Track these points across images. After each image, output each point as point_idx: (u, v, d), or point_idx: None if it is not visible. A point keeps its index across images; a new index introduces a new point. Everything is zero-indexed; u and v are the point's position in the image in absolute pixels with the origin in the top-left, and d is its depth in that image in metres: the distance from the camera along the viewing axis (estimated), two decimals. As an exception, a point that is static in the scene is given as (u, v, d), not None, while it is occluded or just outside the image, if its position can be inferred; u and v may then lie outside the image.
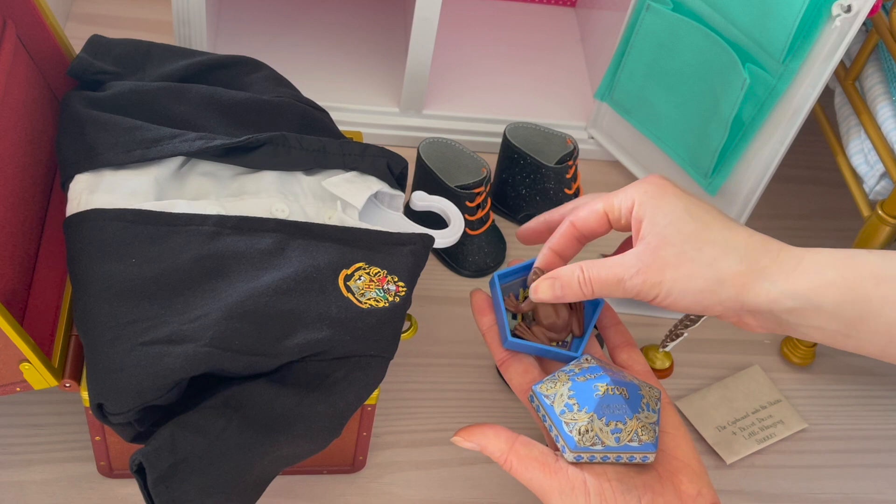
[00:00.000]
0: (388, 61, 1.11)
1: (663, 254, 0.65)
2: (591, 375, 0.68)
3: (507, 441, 0.68)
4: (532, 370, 0.73)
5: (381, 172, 0.80)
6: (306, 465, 0.79)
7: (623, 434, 0.66)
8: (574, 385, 0.68)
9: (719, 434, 0.88)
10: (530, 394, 0.71)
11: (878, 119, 0.86)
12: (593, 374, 0.68)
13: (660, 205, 0.67)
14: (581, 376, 0.68)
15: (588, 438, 0.66)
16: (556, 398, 0.68)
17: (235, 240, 0.71)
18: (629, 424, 0.66)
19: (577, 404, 0.67)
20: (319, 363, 0.67)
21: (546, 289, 0.70)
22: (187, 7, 0.94)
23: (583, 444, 0.66)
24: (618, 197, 0.70)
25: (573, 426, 0.66)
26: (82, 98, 0.79)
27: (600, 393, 0.66)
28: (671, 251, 0.65)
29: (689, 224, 0.66)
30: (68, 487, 0.78)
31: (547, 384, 0.70)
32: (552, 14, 1.23)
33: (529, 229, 0.77)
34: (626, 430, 0.66)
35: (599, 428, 0.66)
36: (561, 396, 0.68)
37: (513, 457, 0.67)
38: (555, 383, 0.69)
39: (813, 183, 1.13)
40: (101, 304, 0.67)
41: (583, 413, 0.66)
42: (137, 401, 0.63)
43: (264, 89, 0.83)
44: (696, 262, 0.65)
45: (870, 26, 0.89)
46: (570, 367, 0.70)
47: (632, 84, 1.00)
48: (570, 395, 0.67)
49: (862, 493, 0.87)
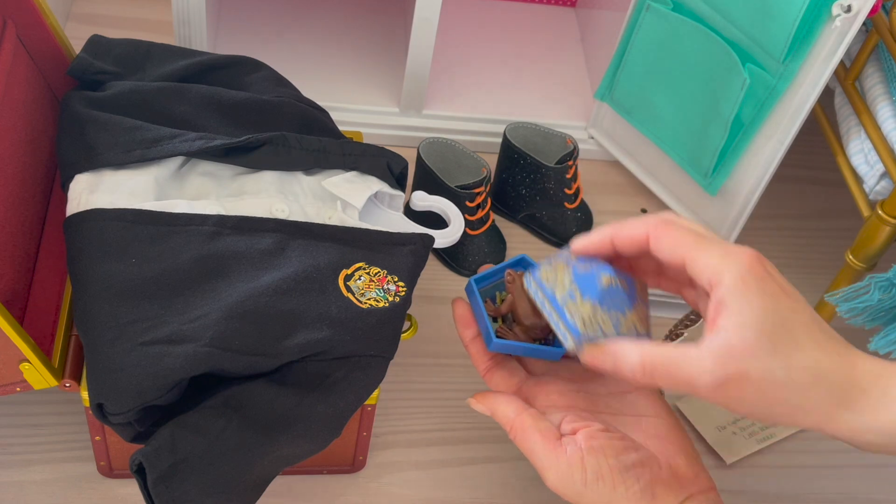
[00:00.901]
0: (388, 61, 1.11)
1: (746, 367, 0.58)
2: (591, 265, 0.65)
3: (517, 410, 0.68)
4: (517, 373, 0.73)
5: (381, 172, 0.80)
6: (306, 465, 0.79)
7: (623, 325, 0.65)
8: (576, 274, 0.65)
9: (719, 434, 0.88)
10: (528, 280, 0.67)
11: (878, 119, 0.86)
12: (593, 263, 0.65)
13: (749, 297, 0.59)
14: (582, 265, 0.65)
15: (591, 328, 0.64)
16: (557, 286, 0.65)
17: (235, 240, 0.71)
18: (628, 316, 0.66)
19: (579, 293, 0.64)
20: (319, 363, 0.67)
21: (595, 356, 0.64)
22: (187, 7, 0.94)
23: (586, 333, 0.64)
24: (702, 256, 0.61)
25: (577, 315, 0.64)
26: (82, 98, 0.79)
27: (603, 284, 0.64)
28: (756, 365, 0.58)
29: (780, 333, 0.59)
30: (68, 487, 0.78)
31: (545, 271, 0.66)
32: (552, 14, 1.23)
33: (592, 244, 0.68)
34: (626, 322, 0.65)
35: (602, 318, 0.64)
36: (563, 284, 0.65)
37: (518, 425, 0.67)
38: (554, 271, 0.66)
39: (813, 183, 1.13)
40: (101, 304, 0.67)
41: (587, 302, 0.64)
42: (137, 401, 0.63)
43: (264, 89, 0.83)
44: (783, 387, 0.58)
45: (870, 26, 0.89)
46: (564, 255, 0.67)
47: (632, 84, 1.00)
48: (572, 282, 0.64)
49: (862, 493, 0.87)
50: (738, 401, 0.59)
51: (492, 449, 0.85)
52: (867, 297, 0.83)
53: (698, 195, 1.01)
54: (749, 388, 0.58)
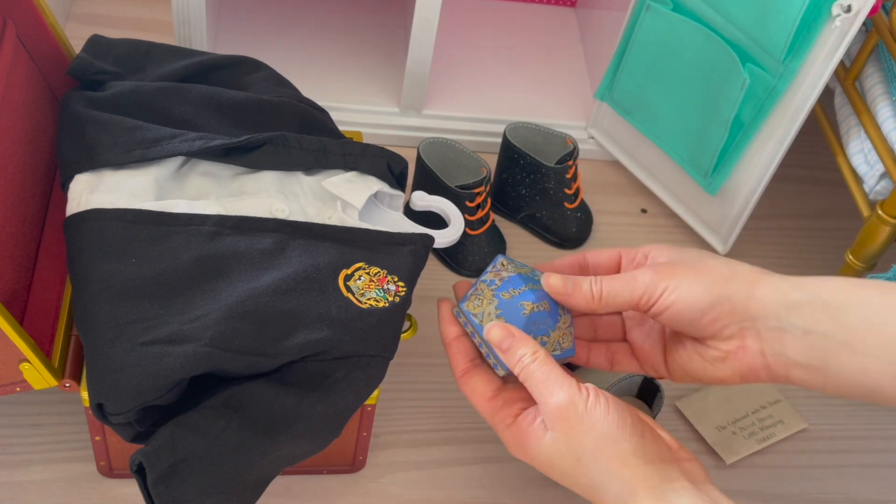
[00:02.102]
0: (388, 61, 1.11)
1: (674, 265, 0.69)
2: (514, 291, 0.70)
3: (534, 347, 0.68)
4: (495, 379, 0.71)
5: (381, 172, 0.80)
6: (306, 465, 0.79)
7: (548, 346, 0.69)
8: (500, 303, 0.69)
9: (719, 434, 0.88)
10: (456, 310, 0.72)
11: (878, 119, 0.86)
12: (516, 288, 0.70)
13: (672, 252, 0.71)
14: (505, 292, 0.70)
15: None
16: (485, 317, 0.70)
17: (235, 240, 0.71)
18: (552, 336, 0.69)
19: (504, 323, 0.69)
20: (319, 363, 0.67)
21: (558, 280, 0.70)
22: (187, 7, 0.94)
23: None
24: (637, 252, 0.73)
25: None
26: (82, 98, 0.79)
27: (527, 311, 0.68)
28: (683, 263, 0.69)
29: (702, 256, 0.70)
30: (68, 487, 0.78)
31: (473, 301, 0.71)
32: (552, 14, 1.23)
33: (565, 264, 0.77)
34: (551, 342, 0.69)
35: None
36: (489, 315, 0.69)
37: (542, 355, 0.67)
38: (480, 300, 0.71)
39: (813, 183, 1.13)
40: (101, 304, 0.67)
41: None
42: (137, 401, 0.63)
43: (264, 89, 0.83)
44: (708, 268, 0.68)
45: (870, 26, 0.89)
46: (489, 278, 0.71)
47: (632, 84, 1.00)
48: (497, 313, 0.69)
49: (862, 493, 0.87)
50: (669, 280, 0.68)
51: (492, 449, 0.85)
52: (867, 297, 0.82)
53: (698, 195, 1.01)
54: (679, 271, 0.69)
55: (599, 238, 1.03)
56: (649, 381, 0.86)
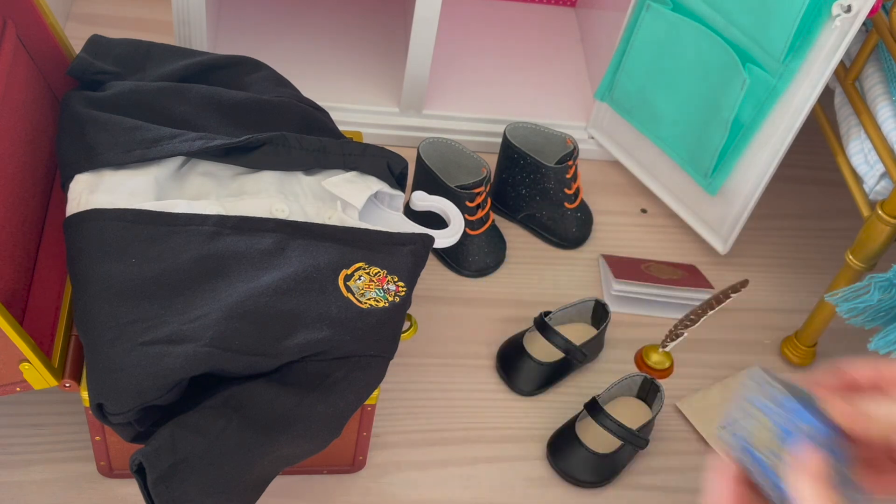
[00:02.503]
0: (388, 61, 1.11)
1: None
2: (801, 425, 0.53)
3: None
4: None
5: (381, 172, 0.80)
6: (306, 465, 0.79)
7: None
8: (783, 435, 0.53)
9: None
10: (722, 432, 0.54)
11: (878, 119, 0.86)
12: (796, 417, 0.53)
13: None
14: (787, 423, 0.53)
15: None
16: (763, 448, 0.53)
17: (235, 240, 0.71)
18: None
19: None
20: (319, 363, 0.67)
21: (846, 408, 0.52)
22: (187, 7, 0.94)
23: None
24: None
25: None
26: (82, 98, 0.79)
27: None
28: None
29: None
30: (68, 487, 0.78)
31: (753, 429, 0.54)
32: (552, 14, 1.23)
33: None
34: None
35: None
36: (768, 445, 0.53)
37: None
38: (759, 429, 0.53)
39: (813, 183, 1.13)
40: (101, 304, 0.67)
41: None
42: (137, 401, 0.63)
43: (264, 89, 0.83)
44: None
45: (870, 26, 0.89)
46: (758, 394, 0.54)
47: (632, 84, 1.00)
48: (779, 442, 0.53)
49: (862, 493, 0.87)
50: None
51: (492, 449, 0.85)
52: (867, 297, 0.82)
53: (698, 195, 1.01)
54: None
55: (599, 238, 1.03)
56: (649, 381, 0.86)
